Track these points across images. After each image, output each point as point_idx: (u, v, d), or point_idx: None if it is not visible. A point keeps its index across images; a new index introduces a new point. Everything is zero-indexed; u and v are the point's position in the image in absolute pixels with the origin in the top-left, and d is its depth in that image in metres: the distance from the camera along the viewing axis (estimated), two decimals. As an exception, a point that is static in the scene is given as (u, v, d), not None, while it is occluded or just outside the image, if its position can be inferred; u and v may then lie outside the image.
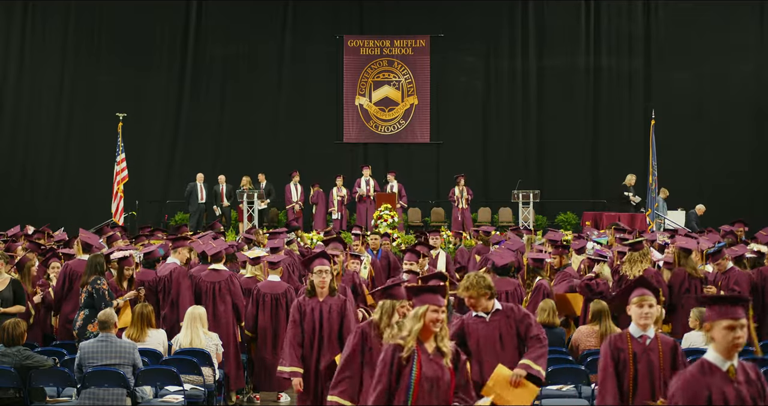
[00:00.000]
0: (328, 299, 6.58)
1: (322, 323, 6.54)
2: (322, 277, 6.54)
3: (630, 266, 8.88)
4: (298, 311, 6.56)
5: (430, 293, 4.58)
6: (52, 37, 20.84)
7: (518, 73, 20.97)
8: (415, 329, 4.49)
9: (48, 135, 20.72)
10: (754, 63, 20.47)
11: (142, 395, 7.10)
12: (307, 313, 6.54)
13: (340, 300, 6.60)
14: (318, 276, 6.55)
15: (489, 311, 5.67)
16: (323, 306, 6.56)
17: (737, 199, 19.33)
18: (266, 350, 8.65)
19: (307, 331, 6.52)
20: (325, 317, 6.54)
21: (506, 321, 5.66)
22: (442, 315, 4.53)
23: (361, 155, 20.89)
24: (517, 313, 5.68)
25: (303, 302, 6.58)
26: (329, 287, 6.58)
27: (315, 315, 6.54)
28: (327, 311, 6.54)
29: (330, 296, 6.58)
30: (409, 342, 4.47)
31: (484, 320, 5.66)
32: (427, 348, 4.50)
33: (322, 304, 6.57)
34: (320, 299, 6.58)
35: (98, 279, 8.13)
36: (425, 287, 4.78)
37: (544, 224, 18.47)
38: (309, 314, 6.54)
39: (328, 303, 6.57)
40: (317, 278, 6.55)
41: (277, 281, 8.67)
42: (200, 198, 17.97)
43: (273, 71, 21.05)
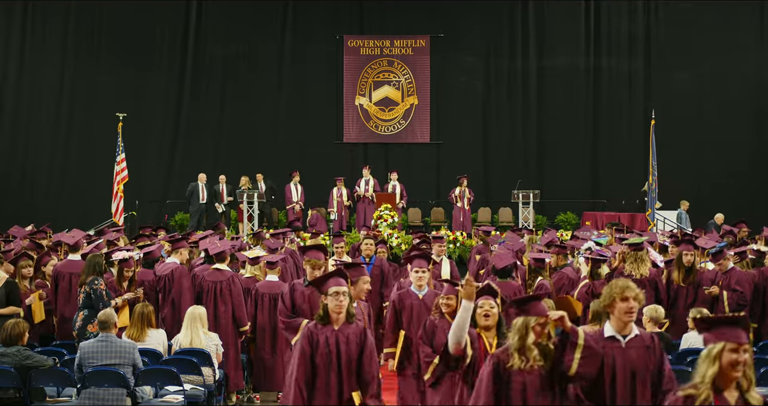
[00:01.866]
0: (344, 327, 5.42)
1: (340, 356, 5.36)
2: (339, 300, 5.40)
3: (637, 265, 8.84)
4: (308, 342, 5.36)
5: (727, 327, 3.70)
6: (52, 37, 20.83)
7: (518, 73, 20.97)
8: (710, 374, 3.65)
9: (48, 135, 20.71)
10: (754, 63, 20.47)
11: (142, 395, 7.10)
12: (320, 344, 5.35)
13: (359, 328, 5.47)
14: (334, 299, 5.40)
15: (627, 334, 4.76)
16: (339, 336, 5.39)
17: (737, 199, 19.33)
18: (265, 350, 8.67)
19: (321, 366, 5.34)
20: (342, 349, 5.37)
21: (645, 352, 4.71)
22: (744, 356, 3.66)
23: (361, 155, 20.89)
24: (657, 346, 4.73)
25: (314, 331, 5.39)
26: (347, 311, 5.45)
27: (330, 346, 5.36)
28: (344, 342, 5.38)
29: (347, 322, 5.44)
30: (703, 392, 3.64)
31: (620, 344, 4.73)
32: (728, 398, 3.66)
33: (338, 333, 5.39)
34: (335, 326, 5.41)
35: (96, 279, 8.12)
36: (722, 318, 3.82)
37: (544, 224, 18.46)
38: (322, 345, 5.35)
39: (345, 332, 5.41)
40: (333, 301, 5.40)
41: (275, 281, 8.69)
42: (201, 198, 17.96)
43: (273, 71, 21.04)
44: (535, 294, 8.27)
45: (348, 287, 5.53)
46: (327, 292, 5.46)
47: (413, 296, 7.16)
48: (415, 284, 7.15)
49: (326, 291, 5.47)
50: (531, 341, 4.47)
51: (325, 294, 5.47)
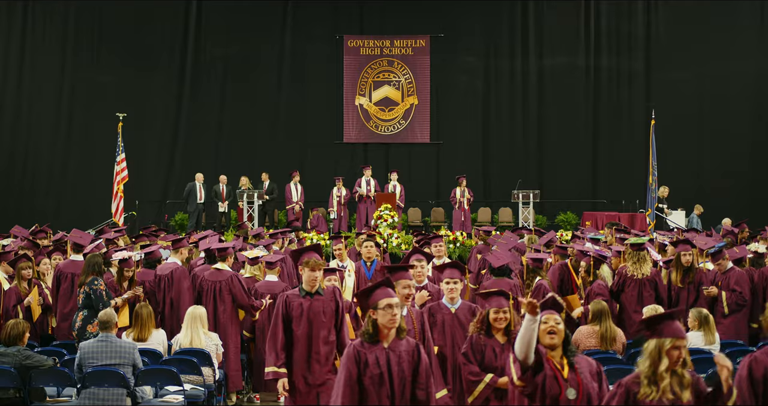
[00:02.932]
0: (395, 344, 4.85)
1: (392, 378, 4.78)
2: (393, 314, 4.80)
3: (639, 265, 8.85)
4: (355, 363, 4.75)
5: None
6: (52, 37, 20.84)
7: (518, 73, 20.98)
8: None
9: (48, 135, 20.72)
10: (755, 63, 20.46)
11: (142, 395, 7.10)
12: (369, 365, 4.76)
13: (410, 344, 4.89)
14: (387, 313, 4.79)
15: None
16: (391, 355, 4.80)
17: (737, 199, 19.34)
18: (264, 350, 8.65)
19: (371, 389, 4.77)
20: (394, 369, 4.79)
21: None
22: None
23: (361, 155, 20.89)
24: None
25: (361, 350, 4.79)
26: (398, 326, 4.88)
27: (381, 367, 4.78)
28: (396, 362, 4.81)
29: (397, 338, 4.87)
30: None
31: None
32: None
33: (389, 351, 4.81)
34: (385, 344, 4.83)
35: (95, 280, 8.12)
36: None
37: (544, 224, 18.46)
38: (372, 365, 4.77)
39: (396, 350, 4.83)
40: (386, 315, 4.79)
41: (274, 281, 8.72)
42: (199, 198, 17.96)
43: (273, 71, 21.04)
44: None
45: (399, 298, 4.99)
46: (376, 305, 4.82)
47: (445, 309, 6.32)
48: (446, 296, 6.35)
49: (375, 304, 4.83)
50: (664, 368, 4.01)
51: (373, 308, 4.84)
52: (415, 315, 5.95)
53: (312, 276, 6.36)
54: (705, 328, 7.60)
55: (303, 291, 6.39)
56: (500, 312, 5.59)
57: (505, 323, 5.60)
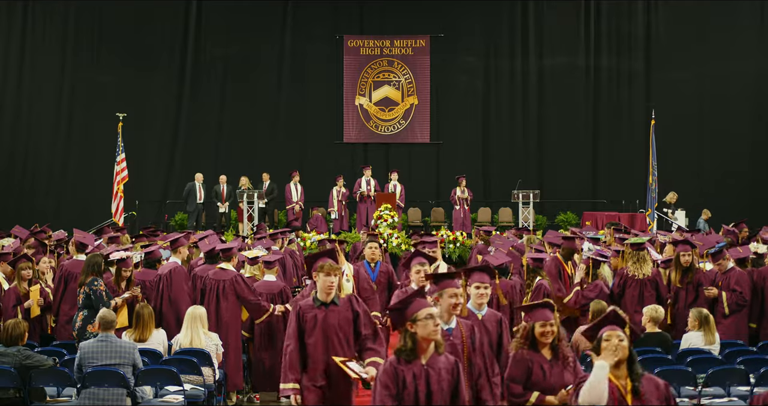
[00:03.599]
0: (434, 360, 4.52)
1: (431, 397, 4.48)
2: (435, 324, 4.45)
3: (639, 265, 8.85)
4: (392, 381, 4.44)
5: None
6: (52, 37, 20.84)
7: (518, 73, 20.97)
8: None
9: (48, 135, 20.72)
10: (755, 63, 20.45)
11: (142, 395, 7.10)
12: (407, 383, 4.44)
13: (449, 361, 4.56)
14: (428, 324, 4.44)
15: None
16: (430, 372, 4.47)
17: (737, 199, 19.34)
18: (263, 350, 8.68)
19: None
20: (434, 388, 4.46)
21: None
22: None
23: (361, 155, 20.89)
24: None
25: (398, 367, 4.46)
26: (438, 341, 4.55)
27: (419, 386, 4.45)
28: (437, 380, 4.47)
29: (436, 353, 4.53)
30: None
31: None
32: None
33: (428, 369, 4.48)
34: (423, 360, 4.50)
35: (95, 280, 8.12)
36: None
37: (544, 224, 18.47)
38: (410, 384, 4.45)
39: (435, 367, 4.50)
40: (427, 326, 4.44)
41: (272, 281, 8.74)
42: (199, 198, 17.96)
43: (273, 71, 21.04)
44: None
45: None
46: (415, 317, 4.45)
47: (472, 316, 5.78)
48: (474, 301, 5.81)
49: (414, 316, 4.46)
50: None
51: (412, 321, 4.46)
52: (465, 327, 5.43)
53: (328, 282, 5.81)
54: (705, 328, 7.61)
55: (317, 301, 5.83)
56: (547, 325, 5.24)
57: (552, 337, 5.26)
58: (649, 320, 7.48)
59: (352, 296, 5.96)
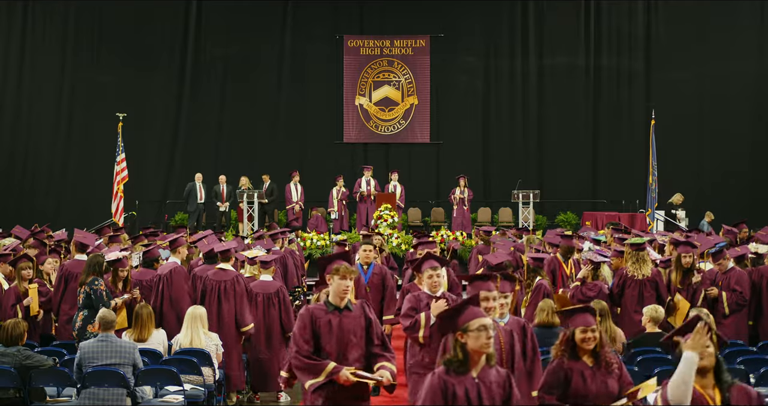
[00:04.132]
0: (485, 373, 4.22)
1: None
2: (488, 336, 4.16)
3: (639, 266, 8.85)
4: (442, 396, 4.11)
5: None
6: (52, 37, 20.84)
7: (518, 73, 20.97)
8: None
9: (48, 135, 20.72)
10: (755, 63, 20.46)
11: (142, 395, 7.10)
12: (458, 398, 4.12)
13: (501, 374, 4.28)
14: (481, 336, 4.15)
15: None
16: (481, 386, 4.17)
17: (737, 199, 19.34)
18: (260, 350, 8.69)
19: None
20: (486, 404, 4.19)
21: None
22: None
23: (361, 155, 20.89)
24: None
25: (448, 380, 4.14)
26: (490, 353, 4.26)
27: (472, 401, 4.16)
28: (488, 396, 4.18)
29: (487, 366, 4.23)
30: None
31: None
32: None
33: (480, 382, 4.18)
34: (474, 373, 4.19)
35: (96, 280, 8.13)
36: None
37: (544, 224, 18.47)
38: (461, 399, 4.14)
39: (486, 380, 4.21)
40: (479, 339, 4.15)
41: (269, 281, 8.75)
42: (199, 198, 17.97)
43: (273, 71, 21.04)
44: None
45: None
46: (467, 327, 4.14)
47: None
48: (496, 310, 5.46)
49: (465, 326, 4.15)
50: None
51: (462, 331, 4.15)
52: (503, 333, 5.15)
53: (343, 286, 5.48)
54: (705, 328, 7.60)
55: (331, 305, 5.49)
56: (588, 331, 4.98)
57: (594, 343, 4.99)
58: (649, 320, 7.49)
59: (363, 302, 5.68)
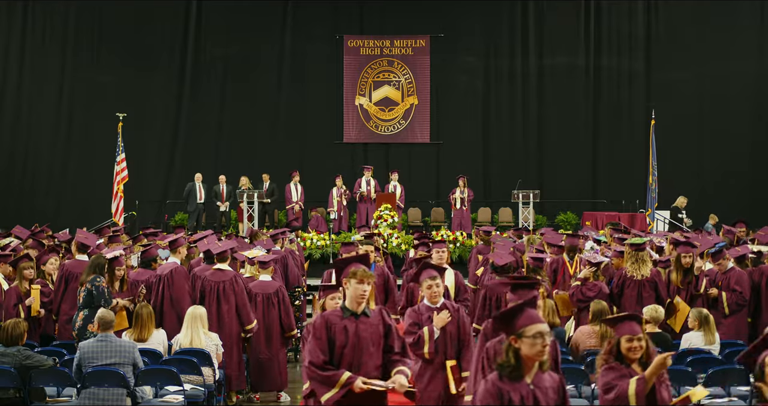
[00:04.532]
0: (539, 378, 4.06)
1: None
2: (543, 344, 3.98)
3: (638, 266, 8.84)
4: (497, 401, 3.97)
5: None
6: (52, 37, 20.84)
7: (518, 73, 20.96)
8: None
9: (48, 135, 20.72)
10: (755, 63, 20.46)
11: (142, 395, 7.10)
12: (515, 404, 4.00)
13: (554, 380, 4.13)
14: (536, 343, 3.97)
15: None
16: (537, 393, 4.03)
17: (737, 199, 19.33)
18: (260, 350, 8.69)
19: None
20: None
21: None
22: None
23: (361, 155, 20.89)
24: None
25: (502, 387, 3.98)
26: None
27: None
28: (544, 402, 4.04)
29: (540, 371, 4.07)
30: None
31: None
32: None
33: (536, 388, 4.03)
34: (528, 379, 4.03)
35: (97, 277, 8.15)
36: None
37: (544, 224, 18.45)
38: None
39: (542, 386, 4.06)
40: (535, 346, 3.98)
41: (268, 281, 8.76)
42: (199, 198, 17.97)
43: (273, 71, 21.04)
44: None
45: None
46: (522, 332, 3.97)
47: None
48: None
49: (521, 331, 3.97)
50: None
51: (517, 335, 3.98)
52: None
53: (360, 290, 5.16)
54: (705, 328, 7.62)
55: (347, 311, 5.18)
56: (634, 340, 4.75)
57: (641, 352, 4.75)
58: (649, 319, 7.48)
59: (382, 308, 5.40)
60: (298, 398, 9.09)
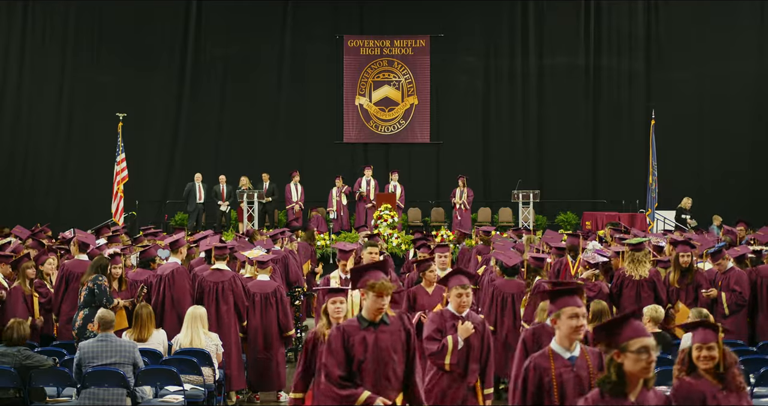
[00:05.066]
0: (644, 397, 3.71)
1: None
2: (649, 361, 3.66)
3: (635, 266, 8.85)
4: None
5: None
6: (52, 37, 20.84)
7: (518, 73, 20.97)
8: None
9: (48, 135, 20.72)
10: (755, 62, 20.46)
11: (142, 395, 7.10)
12: None
13: (660, 398, 3.78)
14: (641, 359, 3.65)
15: None
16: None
17: (737, 199, 19.33)
18: (258, 350, 8.70)
19: None
20: None
21: None
22: None
23: (361, 155, 20.90)
24: None
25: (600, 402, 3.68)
26: None
27: None
28: None
29: (645, 389, 3.72)
30: None
31: None
32: None
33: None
34: (632, 397, 3.69)
35: (99, 276, 8.17)
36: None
37: (544, 224, 18.47)
38: None
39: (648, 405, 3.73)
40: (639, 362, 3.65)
41: (266, 281, 8.75)
42: (198, 198, 17.97)
43: (273, 71, 21.04)
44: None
45: None
46: (626, 346, 3.63)
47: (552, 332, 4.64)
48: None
49: (624, 345, 3.64)
50: None
51: (621, 350, 3.65)
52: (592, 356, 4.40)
53: (378, 304, 4.83)
54: (705, 328, 7.60)
55: (364, 321, 4.87)
56: (703, 349, 4.39)
57: (713, 363, 4.36)
58: (649, 320, 7.48)
59: (402, 313, 5.11)
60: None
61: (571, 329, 4.32)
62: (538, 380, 4.27)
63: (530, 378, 4.29)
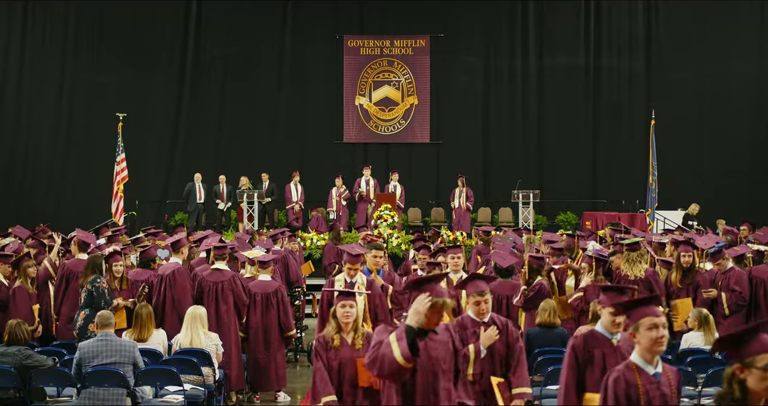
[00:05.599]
0: None
1: None
2: None
3: (630, 266, 8.85)
4: None
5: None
6: (52, 37, 20.85)
7: (518, 73, 20.97)
8: None
9: (48, 135, 20.73)
10: (755, 62, 20.46)
11: (142, 395, 7.10)
12: None
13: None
14: None
15: None
16: None
17: (737, 199, 19.33)
18: (259, 350, 8.70)
19: None
20: None
21: None
22: None
23: (361, 155, 20.89)
24: None
25: None
26: None
27: None
28: None
29: None
30: None
31: None
32: None
33: None
34: None
35: (97, 278, 8.17)
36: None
37: (544, 224, 18.47)
38: None
39: None
40: (766, 381, 3.35)
41: (267, 280, 8.76)
42: (198, 198, 17.97)
43: (273, 71, 21.04)
44: None
45: None
46: (752, 362, 3.31)
47: (601, 339, 4.68)
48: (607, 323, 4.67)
49: (750, 360, 3.32)
50: None
51: (746, 365, 3.33)
52: (672, 372, 4.17)
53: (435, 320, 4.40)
54: (705, 328, 7.61)
55: None
56: None
57: None
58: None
59: (448, 325, 4.70)
60: (298, 398, 9.11)
61: (652, 341, 4.02)
62: (625, 395, 3.98)
63: (620, 393, 3.99)
